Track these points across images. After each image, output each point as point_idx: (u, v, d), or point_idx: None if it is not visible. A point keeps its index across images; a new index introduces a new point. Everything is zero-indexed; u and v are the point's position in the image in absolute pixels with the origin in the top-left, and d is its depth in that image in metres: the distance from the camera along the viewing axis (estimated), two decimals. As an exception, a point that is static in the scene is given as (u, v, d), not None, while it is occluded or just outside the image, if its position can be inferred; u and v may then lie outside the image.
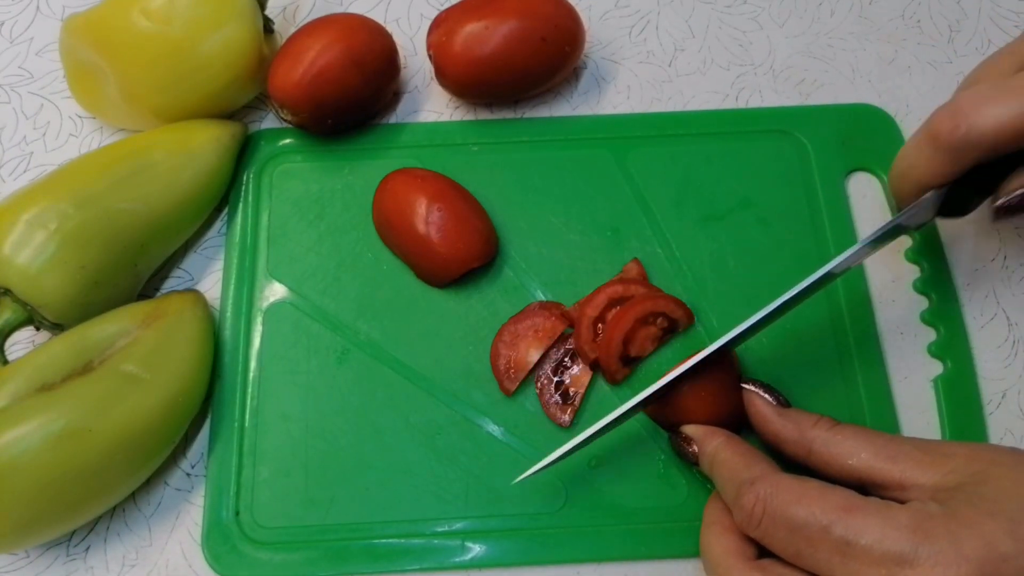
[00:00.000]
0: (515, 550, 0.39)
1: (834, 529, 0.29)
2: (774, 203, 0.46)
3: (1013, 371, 0.43)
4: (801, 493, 0.31)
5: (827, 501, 0.30)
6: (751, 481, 0.32)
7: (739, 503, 0.32)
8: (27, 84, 0.51)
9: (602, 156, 0.48)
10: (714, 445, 0.36)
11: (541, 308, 0.43)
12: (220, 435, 0.42)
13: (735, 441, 0.36)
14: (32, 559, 0.40)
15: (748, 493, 0.32)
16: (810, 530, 0.30)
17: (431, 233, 0.42)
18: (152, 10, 0.43)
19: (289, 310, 0.44)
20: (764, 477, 0.32)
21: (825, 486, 0.31)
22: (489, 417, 0.42)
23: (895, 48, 0.52)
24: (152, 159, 0.43)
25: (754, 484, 0.32)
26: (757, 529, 0.31)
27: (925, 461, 0.31)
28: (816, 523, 0.30)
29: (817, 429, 0.34)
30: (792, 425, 0.35)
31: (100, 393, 0.37)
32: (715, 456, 0.35)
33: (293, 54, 0.44)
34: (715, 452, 0.35)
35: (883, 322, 0.44)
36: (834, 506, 0.30)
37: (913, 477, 0.31)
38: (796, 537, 0.30)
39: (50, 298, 0.39)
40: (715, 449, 0.35)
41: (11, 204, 0.40)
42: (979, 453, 0.31)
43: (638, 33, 0.52)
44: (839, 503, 0.30)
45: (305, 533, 0.40)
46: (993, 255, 0.46)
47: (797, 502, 0.31)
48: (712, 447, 0.36)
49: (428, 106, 0.50)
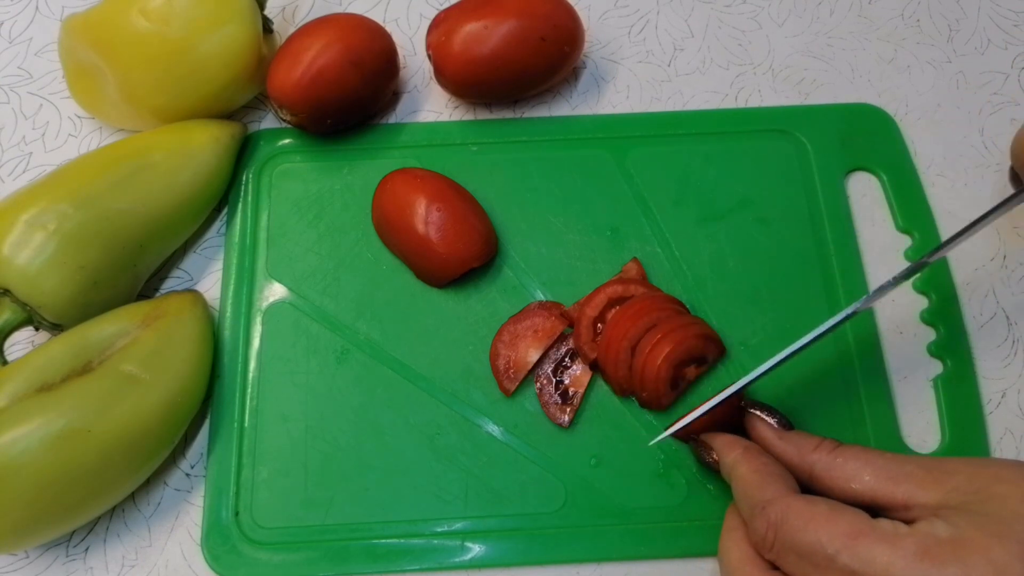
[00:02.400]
0: (515, 550, 0.39)
1: (840, 557, 0.29)
2: (774, 203, 0.46)
3: (1013, 370, 0.43)
4: (809, 518, 0.31)
5: (835, 527, 0.30)
6: (763, 505, 0.32)
7: (752, 526, 0.33)
8: (26, 84, 0.51)
9: (601, 156, 0.48)
10: (732, 458, 0.36)
11: (540, 308, 0.43)
12: (220, 435, 0.42)
13: (752, 454, 0.35)
14: (32, 559, 0.40)
15: (760, 518, 0.32)
16: (817, 557, 0.30)
17: (430, 233, 0.42)
18: (151, 10, 0.43)
19: (288, 310, 0.44)
20: (775, 501, 0.32)
21: (835, 509, 0.31)
22: (489, 417, 0.42)
23: (895, 47, 0.51)
24: (151, 159, 0.43)
25: (765, 509, 0.32)
26: (770, 552, 0.32)
27: (927, 480, 0.31)
28: (823, 551, 0.30)
29: (818, 453, 0.34)
30: (793, 449, 0.35)
31: (99, 393, 0.37)
32: (733, 470, 0.35)
33: (292, 54, 0.44)
34: (733, 465, 0.36)
35: (883, 322, 0.44)
36: (841, 532, 0.30)
37: (916, 497, 0.31)
38: (805, 563, 0.30)
39: (49, 298, 0.39)
40: (733, 462, 0.36)
41: (10, 204, 0.40)
42: (981, 470, 0.31)
43: (637, 33, 0.52)
44: (846, 529, 0.30)
45: (305, 533, 0.40)
46: (993, 255, 0.46)
47: (804, 528, 0.30)
48: (731, 459, 0.36)
49: (427, 106, 0.50)
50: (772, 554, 0.32)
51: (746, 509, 0.33)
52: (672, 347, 0.39)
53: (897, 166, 0.47)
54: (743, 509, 0.34)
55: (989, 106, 0.50)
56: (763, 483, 0.33)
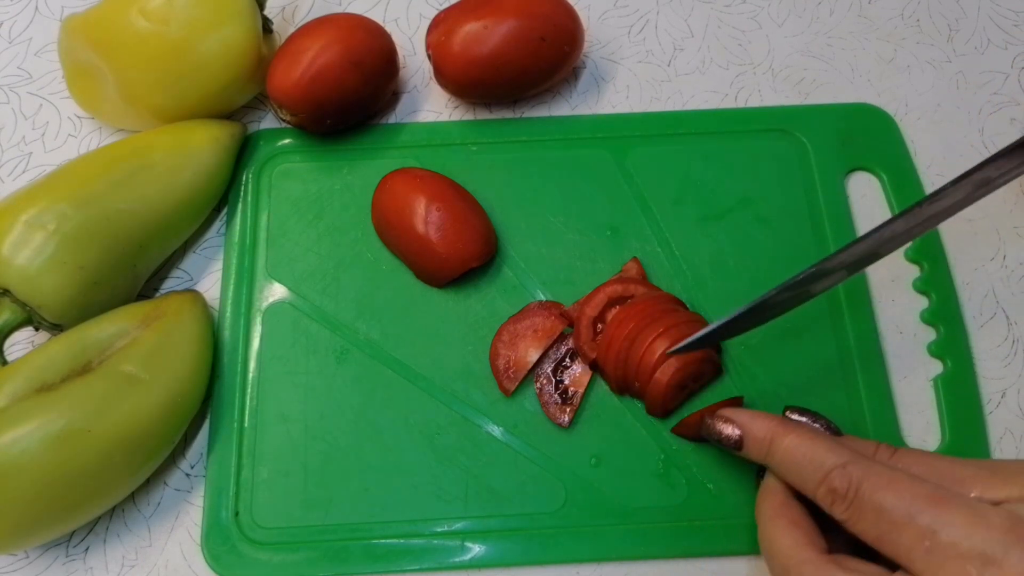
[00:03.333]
0: (515, 550, 0.39)
1: (921, 517, 0.29)
2: (774, 202, 0.46)
3: (1013, 370, 0.43)
4: (892, 479, 0.31)
5: (917, 490, 0.30)
6: (843, 464, 0.32)
7: (829, 484, 0.32)
8: (26, 84, 0.51)
9: (601, 156, 0.48)
10: (769, 430, 0.35)
11: (540, 308, 0.43)
12: (219, 435, 0.42)
13: (795, 425, 0.35)
14: (32, 559, 0.40)
15: (839, 476, 0.32)
16: (897, 514, 0.30)
17: (430, 233, 0.42)
18: (151, 10, 0.43)
19: (288, 310, 0.44)
20: (855, 461, 0.32)
21: (916, 478, 0.31)
22: (489, 417, 0.42)
23: (894, 47, 0.51)
24: (151, 159, 0.43)
25: (846, 467, 0.32)
26: (847, 510, 0.31)
27: (994, 481, 0.31)
28: (904, 509, 0.30)
29: (877, 457, 0.34)
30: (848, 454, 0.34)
31: (99, 394, 0.37)
32: (778, 441, 0.34)
33: (292, 54, 0.44)
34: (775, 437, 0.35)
35: (883, 322, 0.44)
36: (924, 495, 0.30)
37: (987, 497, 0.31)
38: (882, 520, 0.30)
39: (49, 298, 0.39)
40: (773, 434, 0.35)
41: (10, 205, 0.40)
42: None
43: (637, 32, 0.52)
44: (929, 494, 0.30)
45: (305, 533, 0.40)
46: (993, 255, 0.46)
47: (887, 487, 0.30)
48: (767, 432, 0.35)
49: (427, 106, 0.50)
50: (848, 511, 0.31)
51: (815, 473, 0.33)
52: (671, 343, 0.39)
53: (897, 166, 0.47)
54: (809, 475, 0.33)
55: (989, 106, 0.50)
56: (830, 447, 0.33)
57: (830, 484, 0.32)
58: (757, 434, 0.35)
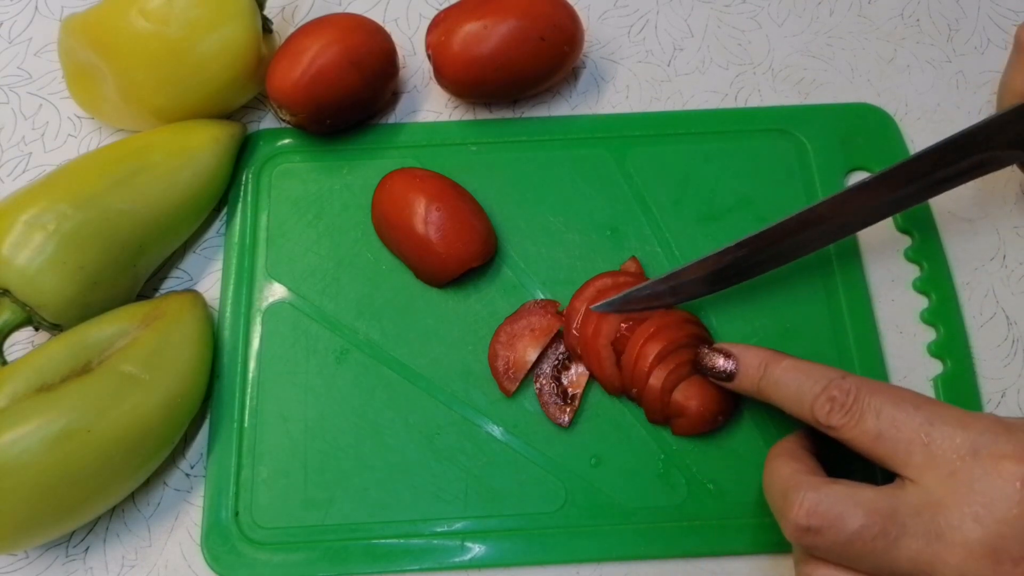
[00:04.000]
0: (515, 550, 0.39)
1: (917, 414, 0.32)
2: (773, 202, 0.46)
3: (1013, 370, 0.43)
4: (886, 386, 0.34)
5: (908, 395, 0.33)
6: (842, 376, 0.34)
7: (828, 393, 0.34)
8: (26, 84, 0.51)
9: (601, 155, 0.48)
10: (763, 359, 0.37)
11: (536, 307, 0.43)
12: (219, 435, 0.42)
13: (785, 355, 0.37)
14: (32, 559, 0.40)
15: (839, 384, 0.34)
16: (898, 417, 0.32)
17: (430, 233, 0.42)
18: (150, 10, 0.43)
19: (288, 310, 0.44)
20: (851, 374, 0.34)
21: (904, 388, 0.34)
22: (488, 417, 0.42)
23: (894, 47, 0.51)
24: (151, 159, 0.43)
25: (845, 378, 0.34)
26: (845, 415, 0.33)
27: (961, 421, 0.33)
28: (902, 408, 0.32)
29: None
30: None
31: (99, 394, 0.37)
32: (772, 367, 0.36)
33: (292, 54, 0.44)
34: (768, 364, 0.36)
35: (883, 322, 0.44)
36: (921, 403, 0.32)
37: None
38: (882, 418, 0.32)
39: (49, 298, 0.39)
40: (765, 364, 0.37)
41: (10, 205, 0.40)
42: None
43: (637, 32, 0.52)
44: (924, 402, 0.32)
45: (304, 533, 0.40)
46: (993, 255, 0.46)
47: (884, 391, 0.33)
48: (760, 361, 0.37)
49: (427, 106, 0.50)
50: (847, 416, 0.33)
51: (814, 386, 0.34)
52: (664, 345, 0.39)
53: (897, 166, 0.47)
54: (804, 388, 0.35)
55: (989, 106, 0.50)
56: (825, 367, 0.35)
57: (829, 393, 0.34)
58: (752, 361, 0.37)
